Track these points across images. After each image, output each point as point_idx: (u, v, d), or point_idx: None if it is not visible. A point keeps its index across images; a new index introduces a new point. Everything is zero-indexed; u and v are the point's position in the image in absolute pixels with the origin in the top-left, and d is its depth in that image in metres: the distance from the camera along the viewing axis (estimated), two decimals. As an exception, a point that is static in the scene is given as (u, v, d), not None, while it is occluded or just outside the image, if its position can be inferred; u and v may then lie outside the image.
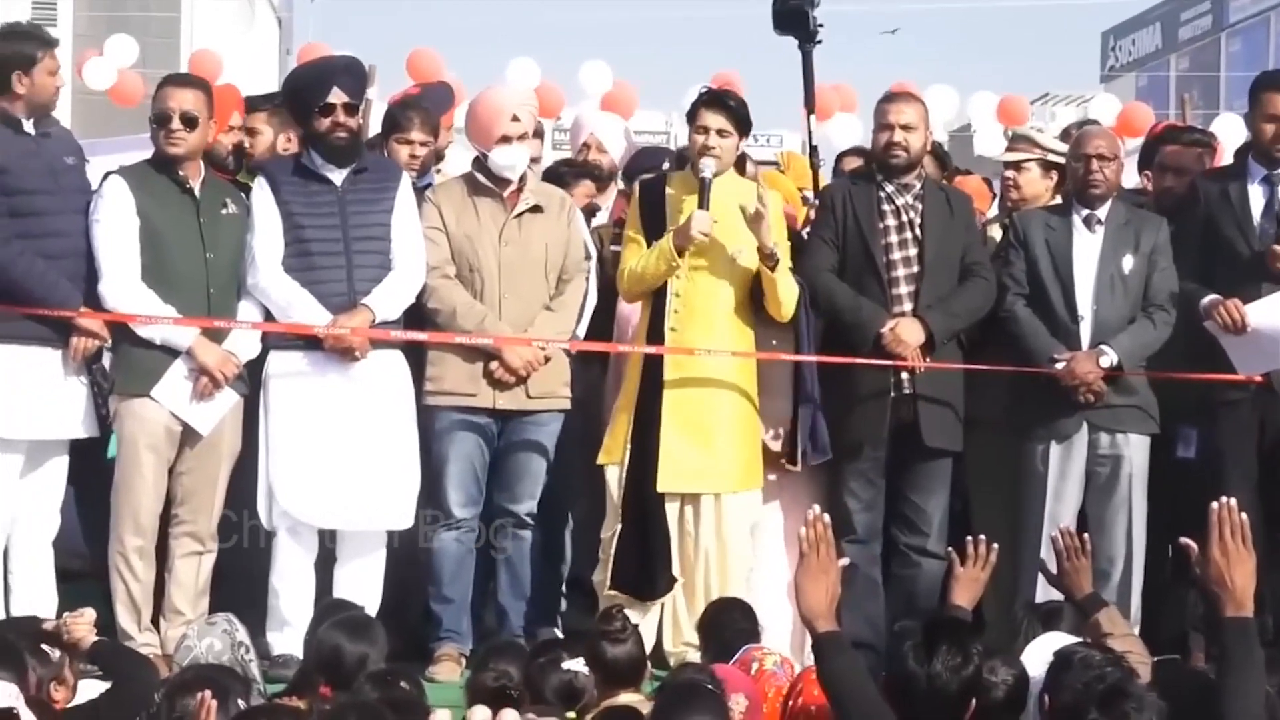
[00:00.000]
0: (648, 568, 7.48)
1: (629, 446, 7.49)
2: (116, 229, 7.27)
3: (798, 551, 5.35)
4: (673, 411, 7.47)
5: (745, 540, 7.60)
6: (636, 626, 6.10)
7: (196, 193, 7.40)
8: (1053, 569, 6.21)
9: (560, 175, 8.89)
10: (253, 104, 8.39)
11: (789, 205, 9.19)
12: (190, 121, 7.37)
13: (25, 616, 6.66)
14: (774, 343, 7.70)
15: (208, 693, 4.94)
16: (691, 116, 7.61)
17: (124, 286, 7.25)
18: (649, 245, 7.52)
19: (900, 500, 7.78)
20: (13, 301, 7.16)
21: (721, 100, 7.60)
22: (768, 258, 7.41)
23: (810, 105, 9.09)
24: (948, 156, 9.37)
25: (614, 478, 7.54)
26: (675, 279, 7.51)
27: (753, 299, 7.60)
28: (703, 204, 7.41)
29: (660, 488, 7.44)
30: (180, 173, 7.38)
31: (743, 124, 7.62)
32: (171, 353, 7.29)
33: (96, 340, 7.28)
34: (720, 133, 7.53)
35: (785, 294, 7.50)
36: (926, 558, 7.70)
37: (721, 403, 7.53)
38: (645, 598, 7.48)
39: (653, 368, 7.52)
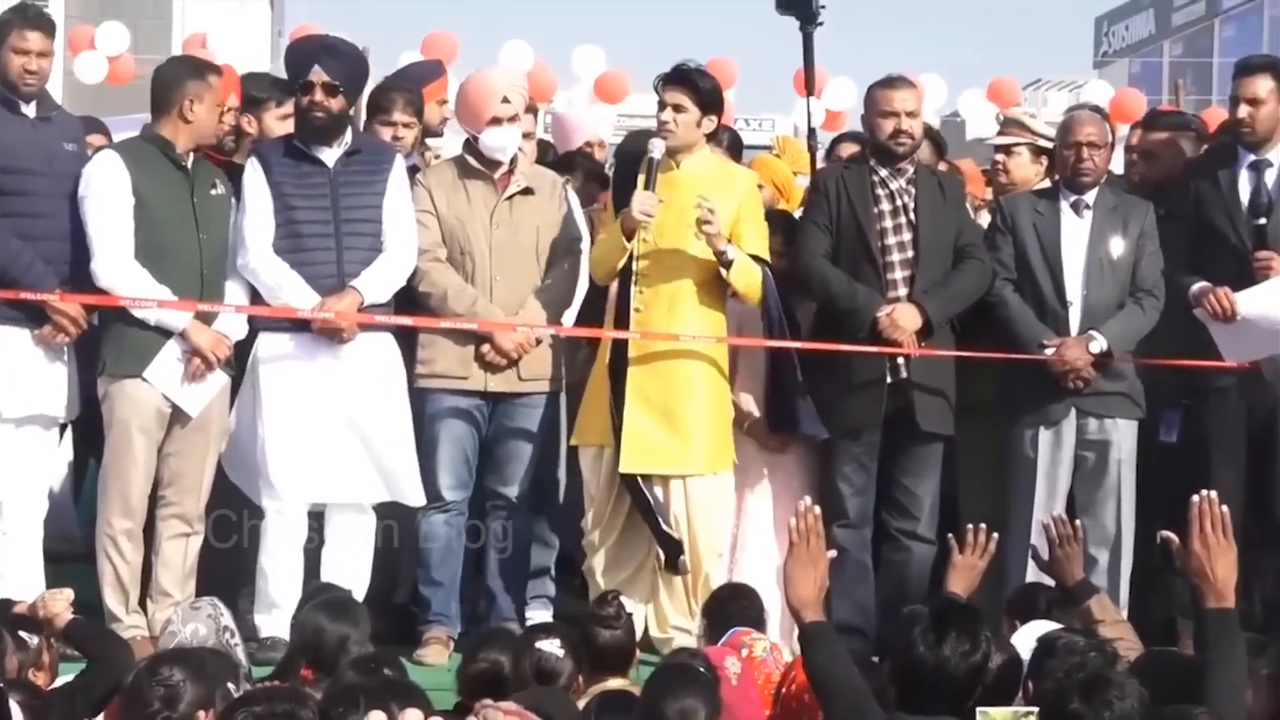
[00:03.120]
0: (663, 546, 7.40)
1: (614, 430, 7.37)
2: (110, 206, 7.20)
3: (786, 537, 5.33)
4: (636, 392, 7.36)
5: (715, 523, 7.53)
6: (630, 614, 6.08)
7: (190, 170, 7.37)
8: (1044, 555, 6.20)
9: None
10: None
11: (783, 190, 9.16)
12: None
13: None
14: (739, 327, 7.66)
15: None
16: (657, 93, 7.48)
17: (117, 265, 7.20)
18: None
19: (891, 485, 7.75)
20: None
21: (683, 75, 7.42)
22: (721, 260, 7.32)
23: (810, 87, 9.04)
24: (943, 140, 9.32)
25: (591, 460, 7.49)
26: (639, 260, 7.41)
27: (721, 279, 7.48)
28: (648, 185, 7.28)
29: (622, 469, 7.34)
30: (176, 149, 7.34)
31: (707, 102, 7.43)
32: (163, 334, 7.25)
33: (68, 332, 7.22)
34: (677, 108, 7.38)
35: (745, 285, 7.41)
36: (917, 542, 7.69)
37: (690, 384, 7.43)
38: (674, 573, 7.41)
39: (620, 348, 7.42)
